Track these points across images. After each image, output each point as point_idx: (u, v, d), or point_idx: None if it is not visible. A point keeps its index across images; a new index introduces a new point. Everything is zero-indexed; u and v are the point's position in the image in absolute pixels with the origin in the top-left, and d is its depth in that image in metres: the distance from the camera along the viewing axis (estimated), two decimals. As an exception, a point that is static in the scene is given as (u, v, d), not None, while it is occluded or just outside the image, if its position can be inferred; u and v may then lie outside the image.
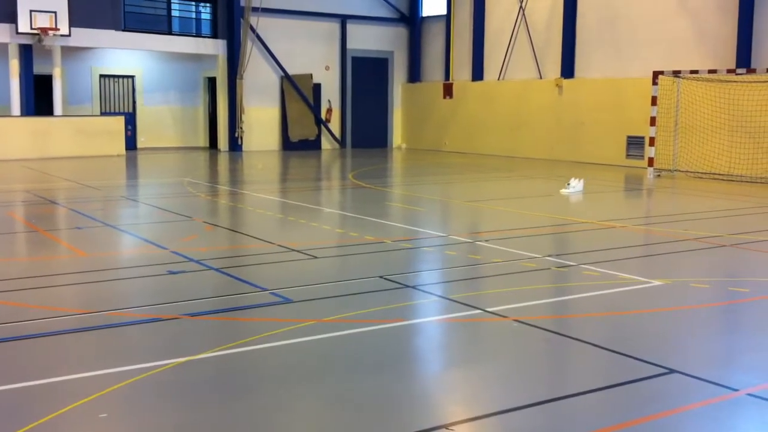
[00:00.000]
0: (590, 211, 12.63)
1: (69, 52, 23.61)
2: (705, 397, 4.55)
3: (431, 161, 22.79)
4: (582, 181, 14.38)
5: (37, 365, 4.99)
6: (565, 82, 22.33)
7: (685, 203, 14.06)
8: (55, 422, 4.05)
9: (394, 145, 28.67)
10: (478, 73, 25.50)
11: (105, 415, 4.17)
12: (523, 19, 23.77)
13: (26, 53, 22.27)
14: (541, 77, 23.32)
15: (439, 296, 6.87)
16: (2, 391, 4.51)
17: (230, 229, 10.88)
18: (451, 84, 26.37)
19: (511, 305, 6.41)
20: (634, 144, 20.32)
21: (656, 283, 7.29)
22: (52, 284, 7.26)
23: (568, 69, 22.36)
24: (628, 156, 20.54)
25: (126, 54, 25.72)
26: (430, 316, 6.36)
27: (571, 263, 8.14)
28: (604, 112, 21.13)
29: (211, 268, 7.84)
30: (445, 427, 4.09)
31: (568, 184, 14.33)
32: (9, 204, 13.26)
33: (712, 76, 17.64)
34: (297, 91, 26.29)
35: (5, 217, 11.63)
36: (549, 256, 8.51)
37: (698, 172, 17.90)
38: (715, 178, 17.42)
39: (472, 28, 25.55)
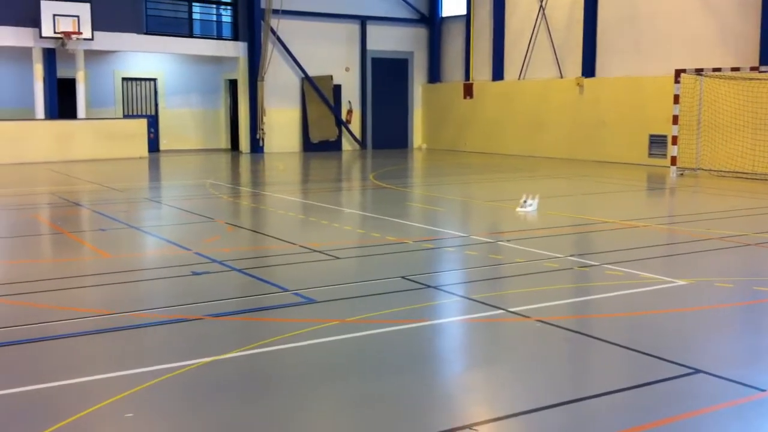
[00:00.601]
0: (613, 210, 12.56)
1: (92, 55, 23.84)
2: (731, 398, 4.51)
3: (451, 161, 22.77)
4: (537, 198, 12.03)
5: (64, 365, 5.05)
6: (586, 81, 22.21)
7: (709, 202, 13.94)
8: (83, 421, 4.10)
9: (414, 146, 28.67)
10: (498, 73, 25.44)
11: (131, 414, 4.21)
12: (543, 18, 23.68)
13: (50, 57, 22.52)
14: (561, 76, 23.22)
15: (462, 296, 6.87)
16: (29, 391, 4.57)
17: (252, 230, 10.93)
18: (471, 84, 26.33)
19: (533, 305, 6.40)
20: (657, 143, 20.17)
21: (680, 282, 7.24)
22: (77, 285, 7.33)
23: (588, 68, 22.24)
24: (650, 155, 20.39)
25: (148, 57, 25.93)
26: (453, 317, 6.36)
27: (594, 263, 8.11)
28: (626, 111, 21.00)
29: (234, 269, 7.88)
30: (469, 427, 4.09)
31: (524, 202, 11.86)
32: (34, 206, 13.41)
33: (735, 74, 17.47)
34: (317, 92, 26.37)
35: (30, 219, 11.77)
36: (571, 255, 8.47)
37: (721, 171, 17.74)
38: (738, 177, 17.25)
39: (491, 27, 25.49)
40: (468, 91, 26.46)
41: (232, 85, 26.75)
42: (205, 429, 4.06)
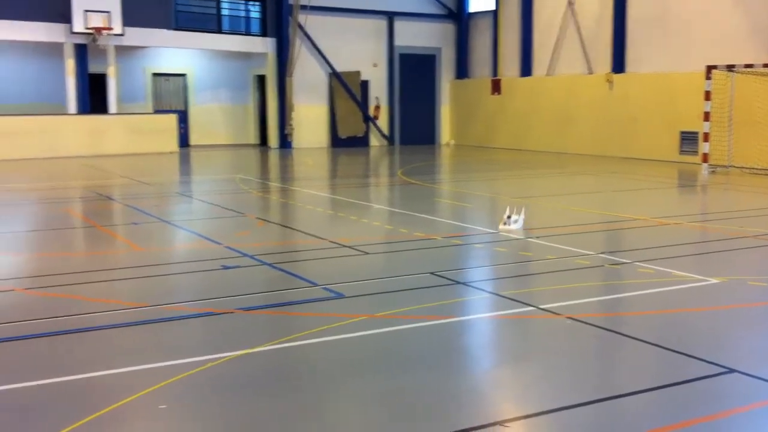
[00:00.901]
0: (643, 207, 12.45)
1: (122, 51, 24.08)
2: (765, 397, 4.46)
3: (479, 158, 22.70)
4: (523, 212, 10.12)
5: (98, 357, 5.12)
6: (616, 77, 22.02)
7: (741, 199, 13.76)
8: (117, 412, 4.15)
9: (442, 142, 28.61)
10: (526, 69, 25.30)
11: (164, 406, 4.26)
12: (572, 13, 23.50)
13: (81, 52, 22.78)
14: (590, 72, 23.03)
15: (491, 293, 6.85)
16: (64, 382, 4.64)
17: (282, 225, 10.99)
18: (499, 80, 26.21)
19: (563, 302, 6.36)
20: (688, 140, 19.94)
21: (712, 281, 7.16)
22: (110, 278, 7.43)
23: (618, 64, 22.04)
24: (681, 152, 20.17)
25: (178, 53, 26.15)
26: (482, 313, 6.34)
27: (625, 260, 8.05)
28: (656, 107, 20.78)
29: (263, 263, 7.93)
30: (500, 424, 4.08)
31: (508, 218, 9.93)
32: (67, 200, 13.59)
33: (767, 70, 17.20)
34: (345, 88, 26.41)
35: (64, 213, 11.93)
36: (602, 253, 8.41)
37: (754, 168, 17.49)
38: (771, 175, 17.01)
39: (520, 23, 25.36)
40: (496, 86, 26.36)
41: (261, 80, 26.88)
42: (234, 422, 4.10)
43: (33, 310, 6.26)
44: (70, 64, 22.62)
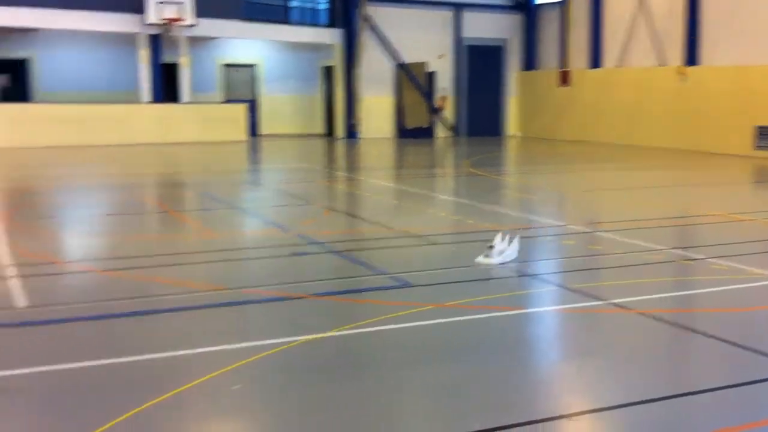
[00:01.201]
0: (716, 202, 12.14)
1: (194, 41, 24.55)
2: None
3: (546, 150, 22.45)
4: (517, 239, 7.74)
5: (175, 337, 5.28)
6: (688, 69, 21.47)
7: (820, 197, 13.30)
8: (192, 391, 4.28)
9: (508, 134, 28.38)
10: (595, 61, 24.87)
11: (238, 386, 4.37)
12: (643, 4, 22.98)
13: (154, 43, 23.31)
14: (662, 64, 22.51)
15: (559, 286, 6.80)
16: (141, 360, 4.80)
17: (349, 214, 11.09)
18: (568, 72, 25.84)
19: (634, 297, 6.28)
20: (765, 134, 19.33)
21: (789, 278, 6.97)
22: (185, 262, 7.62)
23: (691, 56, 21.48)
24: (757, 147, 19.56)
25: (247, 43, 26.55)
26: (550, 306, 6.31)
27: (698, 256, 7.88)
28: (730, 101, 20.19)
29: (332, 251, 8.04)
30: (568, 417, 4.07)
31: (490, 248, 7.51)
32: (141, 186, 13.98)
33: None
34: (411, 79, 26.41)
35: (138, 198, 12.27)
36: (674, 248, 8.26)
37: (835, 165, 16.87)
38: None
39: (589, 13, 24.92)
40: (564, 78, 25.99)
41: (329, 71, 27.09)
42: (301, 405, 4.18)
43: (112, 291, 6.48)
44: (143, 54, 23.18)
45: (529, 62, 27.93)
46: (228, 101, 26.22)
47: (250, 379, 4.51)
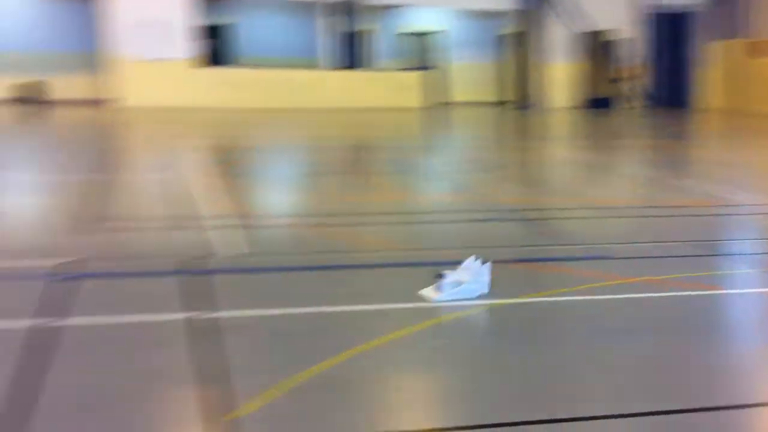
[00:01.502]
0: None
1: (376, 9, 24.99)
2: None
3: (743, 123, 21.00)
4: (487, 267, 5.37)
5: (368, 292, 5.45)
6: None
7: None
8: (393, 342, 4.42)
9: (700, 106, 26.79)
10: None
11: (444, 341, 4.46)
12: None
13: (336, 11, 23.90)
14: None
15: (762, 270, 6.39)
16: (353, 311, 5.01)
17: (534, 184, 10.97)
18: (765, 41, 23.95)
19: None
20: None
21: None
22: (369, 222, 7.85)
23: None
24: None
25: (429, 12, 26.68)
26: (752, 288, 5.95)
27: None
28: None
29: (517, 219, 8.00)
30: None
31: (438, 276, 5.21)
32: (326, 149, 14.52)
33: None
34: (597, 47, 25.51)
35: (324, 160, 12.77)
36: None
37: None
38: None
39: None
40: (762, 49, 24.11)
41: (511, 39, 26.70)
42: (493, 368, 4.20)
43: (310, 244, 6.82)
44: (325, 22, 23.88)
45: (725, 30, 26.10)
46: (410, 69, 26.54)
47: (438, 337, 4.60)
